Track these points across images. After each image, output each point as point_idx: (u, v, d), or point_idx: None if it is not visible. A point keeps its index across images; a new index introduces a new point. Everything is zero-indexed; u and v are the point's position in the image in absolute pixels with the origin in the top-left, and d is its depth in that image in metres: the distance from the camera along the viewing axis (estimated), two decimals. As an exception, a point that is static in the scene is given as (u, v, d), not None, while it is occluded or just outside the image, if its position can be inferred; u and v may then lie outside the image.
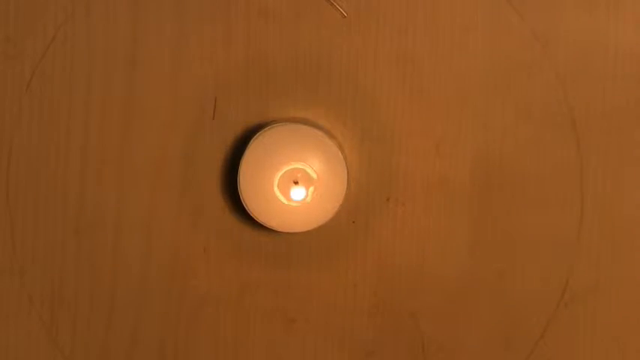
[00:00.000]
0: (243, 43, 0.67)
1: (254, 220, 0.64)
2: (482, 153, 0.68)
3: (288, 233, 0.66)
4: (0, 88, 0.68)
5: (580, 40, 0.67)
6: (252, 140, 0.64)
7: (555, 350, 0.69)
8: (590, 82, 0.67)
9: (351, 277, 0.69)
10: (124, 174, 0.68)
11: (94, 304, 0.69)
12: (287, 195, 0.63)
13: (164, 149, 0.68)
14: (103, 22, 0.67)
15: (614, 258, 0.69)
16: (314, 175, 0.63)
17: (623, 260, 0.69)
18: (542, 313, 0.69)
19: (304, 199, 0.63)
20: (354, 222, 0.68)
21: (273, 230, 0.64)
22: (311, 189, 0.63)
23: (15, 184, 0.68)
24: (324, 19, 0.67)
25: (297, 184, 0.63)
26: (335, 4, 0.67)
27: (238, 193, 0.64)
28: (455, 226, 0.68)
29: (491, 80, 0.67)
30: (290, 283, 0.69)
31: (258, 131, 0.65)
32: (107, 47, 0.67)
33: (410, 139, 0.68)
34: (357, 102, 0.67)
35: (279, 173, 0.63)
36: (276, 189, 0.63)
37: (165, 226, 0.69)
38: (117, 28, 0.67)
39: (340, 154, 0.64)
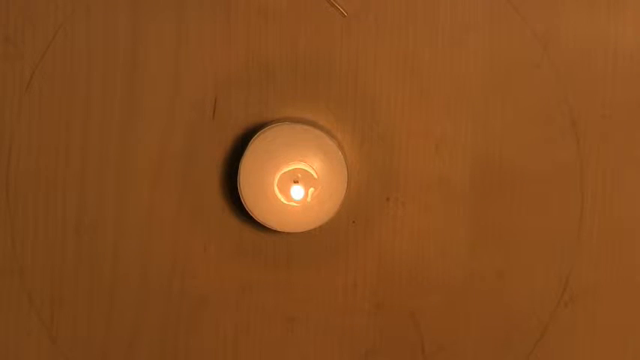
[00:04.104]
0: (243, 42, 0.67)
1: (254, 219, 0.64)
2: (482, 153, 0.68)
3: (288, 233, 0.66)
4: (0, 88, 0.68)
5: (580, 40, 0.67)
6: (252, 140, 0.64)
7: (555, 350, 0.69)
8: (590, 82, 0.67)
9: (350, 277, 0.69)
10: (124, 174, 0.68)
11: (94, 304, 0.69)
12: (287, 195, 0.63)
13: (164, 149, 0.68)
14: (102, 21, 0.67)
15: (614, 258, 0.69)
16: (314, 175, 0.63)
17: (622, 260, 0.69)
18: (542, 313, 0.69)
19: (304, 199, 0.63)
20: (354, 222, 0.68)
21: (273, 230, 0.64)
22: (311, 190, 0.63)
23: (15, 183, 0.68)
24: (324, 18, 0.67)
25: (297, 183, 0.63)
26: (335, 3, 0.67)
27: (238, 193, 0.64)
28: (455, 225, 0.68)
29: (491, 80, 0.67)
30: (290, 282, 0.69)
31: (258, 131, 0.65)
32: (107, 47, 0.67)
33: (410, 139, 0.68)
34: (357, 102, 0.67)
35: (279, 173, 0.63)
36: (276, 189, 0.63)
37: (165, 225, 0.69)
38: (117, 28, 0.67)
39: (340, 153, 0.64)
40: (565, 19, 0.67)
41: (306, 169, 0.63)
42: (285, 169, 0.63)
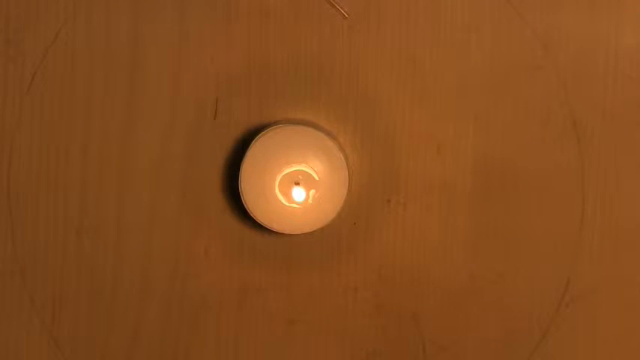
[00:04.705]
0: (244, 43, 0.67)
1: (255, 221, 0.64)
2: (483, 154, 0.68)
3: (289, 235, 0.66)
4: (1, 90, 0.68)
5: (581, 40, 0.67)
6: (253, 141, 0.64)
7: (557, 351, 0.69)
8: (591, 82, 0.67)
9: (352, 279, 0.69)
10: (125, 175, 0.68)
11: (95, 305, 0.69)
12: (288, 196, 0.63)
13: (165, 150, 0.68)
14: (103, 22, 0.67)
15: (615, 258, 0.69)
16: (315, 177, 0.63)
17: (624, 260, 0.69)
18: (544, 313, 0.69)
19: (305, 201, 0.63)
20: (355, 223, 0.68)
21: (274, 232, 0.64)
22: (312, 191, 0.63)
23: (16, 184, 0.68)
24: (325, 19, 0.67)
25: (298, 185, 0.63)
26: (336, 5, 0.67)
27: (239, 195, 0.64)
28: (456, 227, 0.68)
29: (492, 81, 0.67)
30: (291, 284, 0.69)
31: (259, 132, 0.65)
32: (108, 48, 0.67)
33: (411, 140, 0.68)
34: (358, 103, 0.67)
35: (281, 175, 0.63)
36: (277, 190, 0.63)
37: (166, 227, 0.69)
38: (118, 29, 0.67)
39: (341, 155, 0.64)
40: (565, 19, 0.67)
41: (307, 170, 0.63)
42: (286, 171, 0.63)
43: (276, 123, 0.66)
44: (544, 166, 0.68)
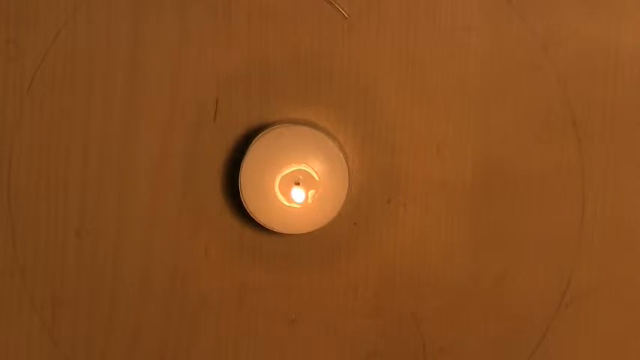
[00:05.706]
0: (245, 43, 0.67)
1: (255, 221, 0.64)
2: (483, 154, 0.68)
3: (289, 235, 0.66)
4: (1, 89, 0.68)
5: (581, 40, 0.67)
6: (253, 141, 0.64)
7: (557, 351, 0.69)
8: (591, 83, 0.67)
9: (352, 279, 0.69)
10: (125, 175, 0.68)
11: (95, 305, 0.69)
12: (288, 196, 0.63)
13: (165, 150, 0.68)
14: (104, 22, 0.67)
15: (616, 259, 0.69)
16: (315, 177, 0.63)
17: (624, 261, 0.69)
18: (544, 314, 0.69)
19: (305, 201, 0.63)
20: (355, 223, 0.68)
21: (274, 232, 0.64)
22: (312, 192, 0.63)
23: (16, 184, 0.68)
24: (325, 19, 0.67)
25: (298, 185, 0.63)
26: (336, 4, 0.67)
27: (239, 195, 0.64)
28: (456, 227, 0.68)
29: (492, 81, 0.67)
30: (291, 284, 0.69)
31: (259, 132, 0.65)
32: (108, 48, 0.67)
33: (411, 140, 0.68)
34: (358, 103, 0.67)
35: (281, 175, 0.63)
36: (277, 190, 0.63)
37: (166, 226, 0.69)
38: (118, 29, 0.67)
39: (341, 155, 0.64)
40: (565, 19, 0.67)
41: (307, 170, 0.63)
42: (286, 171, 0.63)
43: (276, 123, 0.66)
44: (544, 166, 0.68)
